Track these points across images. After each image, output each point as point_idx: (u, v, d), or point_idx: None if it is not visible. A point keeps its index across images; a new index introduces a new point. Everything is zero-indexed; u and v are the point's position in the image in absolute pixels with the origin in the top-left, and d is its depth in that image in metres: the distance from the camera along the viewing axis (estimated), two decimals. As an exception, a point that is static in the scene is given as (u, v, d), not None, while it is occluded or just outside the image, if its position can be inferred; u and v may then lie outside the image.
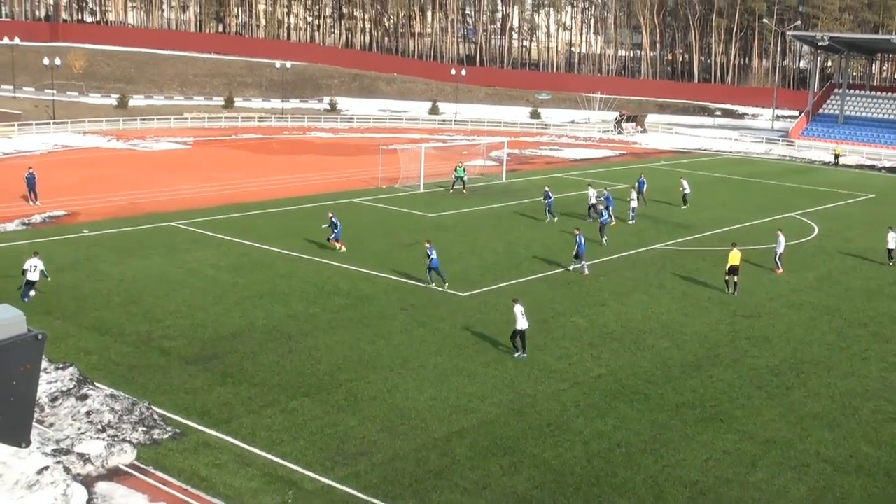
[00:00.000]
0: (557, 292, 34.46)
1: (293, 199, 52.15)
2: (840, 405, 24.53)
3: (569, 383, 25.11)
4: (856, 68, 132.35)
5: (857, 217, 51.05)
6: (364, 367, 25.61)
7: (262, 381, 24.16)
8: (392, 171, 60.62)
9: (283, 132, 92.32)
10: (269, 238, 41.44)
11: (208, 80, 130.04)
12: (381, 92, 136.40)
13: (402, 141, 79.06)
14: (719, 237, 45.94)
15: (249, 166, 65.95)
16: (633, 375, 25.96)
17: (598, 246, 42.55)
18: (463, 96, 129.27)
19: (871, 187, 68.89)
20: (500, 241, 43.05)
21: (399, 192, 56.14)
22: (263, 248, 39.65)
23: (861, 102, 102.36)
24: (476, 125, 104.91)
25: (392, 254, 39.64)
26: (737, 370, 26.79)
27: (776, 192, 64.21)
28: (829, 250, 44.62)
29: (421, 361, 26.21)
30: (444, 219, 48.39)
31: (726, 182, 68.83)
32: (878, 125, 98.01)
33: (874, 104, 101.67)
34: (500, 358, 26.82)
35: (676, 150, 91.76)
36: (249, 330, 28.44)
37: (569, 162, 78.08)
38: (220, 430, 21.16)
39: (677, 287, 36.00)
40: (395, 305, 31.58)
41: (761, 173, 74.60)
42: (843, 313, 33.61)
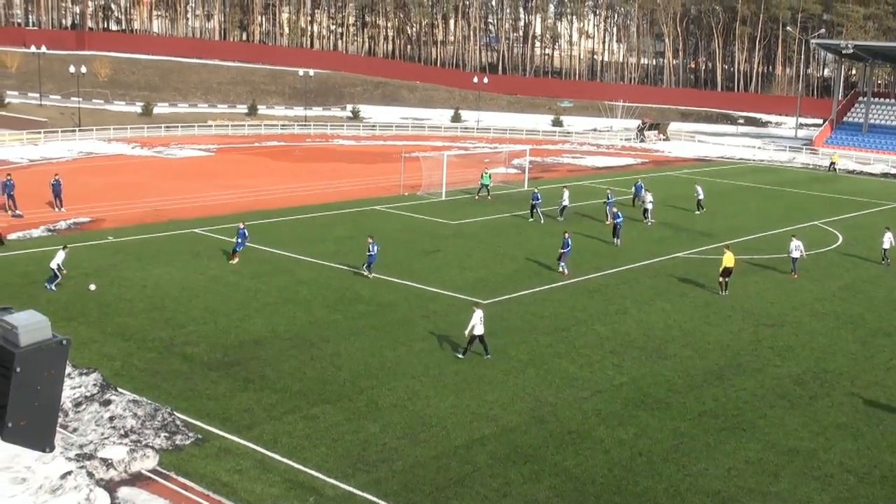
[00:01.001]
0: (579, 300, 34.37)
1: (315, 207, 52.31)
2: (864, 415, 24.32)
3: (590, 391, 25.02)
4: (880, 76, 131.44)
5: (881, 226, 50.51)
6: (385, 373, 25.62)
7: (284, 388, 24.22)
8: (414, 179, 60.70)
9: (306, 140, 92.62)
10: (291, 245, 41.58)
11: (232, 88, 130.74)
12: (404, 100, 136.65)
13: (425, 149, 79.15)
14: (742, 246, 45.67)
15: (272, 174, 66.22)
16: (654, 384, 25.84)
17: (613, 247, 43.51)
18: (485, 104, 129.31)
19: (895, 196, 68.34)
20: (522, 250, 43.00)
21: (421, 200, 56.20)
22: (286, 254, 39.78)
23: (886, 111, 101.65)
24: (498, 133, 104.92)
25: (414, 261, 39.68)
26: (759, 379, 26.62)
27: (799, 201, 63.83)
28: (853, 259, 44.29)
29: (442, 369, 26.19)
30: (466, 226, 48.40)
31: (749, 190, 68.49)
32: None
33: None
34: (521, 366, 26.77)
35: (699, 158, 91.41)
36: (271, 336, 28.52)
37: (591, 170, 77.92)
38: (241, 436, 21.22)
39: (699, 296, 35.83)
40: (416, 313, 31.60)
41: (784, 182, 74.21)
42: (867, 322, 33.35)
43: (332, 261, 38.51)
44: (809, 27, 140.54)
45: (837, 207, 61.07)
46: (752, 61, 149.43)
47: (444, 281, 36.23)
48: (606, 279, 38.02)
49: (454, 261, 40.10)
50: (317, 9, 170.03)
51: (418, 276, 36.76)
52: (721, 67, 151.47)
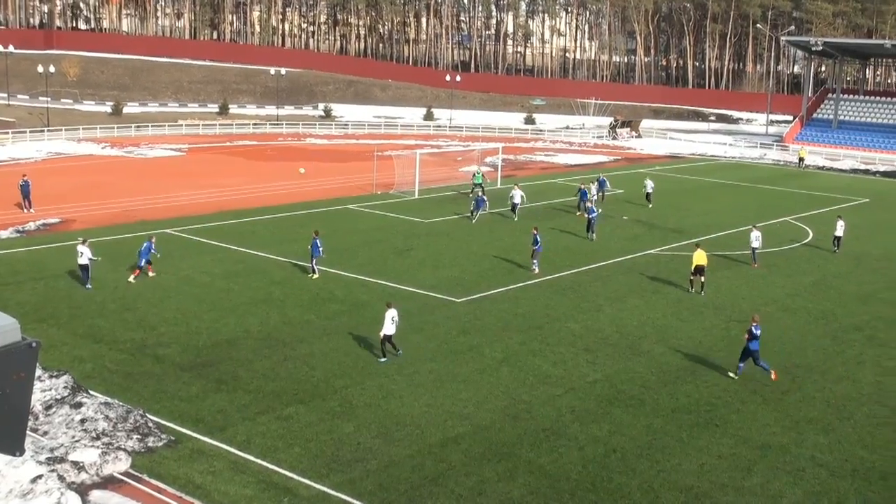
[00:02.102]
0: (552, 298, 34.48)
1: (288, 206, 52.14)
2: (835, 409, 24.57)
3: (564, 389, 25.12)
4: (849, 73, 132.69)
5: (851, 221, 51.06)
6: (359, 373, 25.60)
7: (257, 388, 24.13)
8: (387, 178, 60.65)
9: (278, 139, 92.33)
10: (263, 245, 41.43)
11: (203, 88, 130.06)
12: (376, 98, 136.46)
13: (397, 147, 79.14)
14: (713, 242, 45.98)
15: (244, 173, 65.93)
16: (628, 380, 25.98)
17: (586, 243, 43.94)
18: (457, 102, 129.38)
19: (865, 191, 69.08)
20: (495, 248, 43.07)
21: (394, 199, 56.16)
22: (258, 254, 39.64)
23: (855, 107, 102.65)
24: (471, 131, 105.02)
25: (387, 260, 39.65)
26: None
27: (770, 197, 64.33)
28: (824, 255, 44.71)
29: (416, 367, 26.21)
30: (439, 225, 48.41)
31: (720, 187, 68.95)
32: (872, 130, 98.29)
33: (868, 109, 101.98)
34: (495, 364, 26.83)
35: (671, 155, 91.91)
36: (244, 337, 28.42)
37: (563, 167, 78.17)
38: (214, 437, 21.13)
39: (672, 292, 36.04)
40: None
41: (756, 178, 74.77)
42: (838, 318, 33.69)
43: (305, 260, 38.39)
44: (779, 24, 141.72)
45: (808, 203, 61.61)
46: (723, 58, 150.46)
47: (417, 280, 36.23)
48: (579, 276, 38.16)
49: (427, 259, 40.11)
50: (288, 7, 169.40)
51: (392, 275, 36.74)
52: (692, 65, 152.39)
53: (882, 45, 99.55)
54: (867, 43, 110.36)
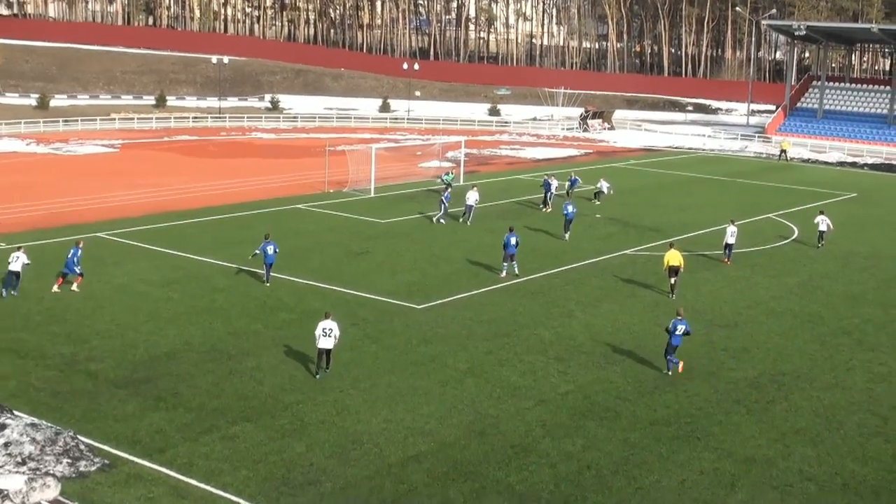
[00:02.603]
0: (520, 303, 34.53)
1: (232, 206, 51.82)
2: (824, 419, 24.80)
3: (534, 401, 25.15)
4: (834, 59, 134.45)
5: (839, 218, 51.70)
6: (311, 387, 25.46)
7: (200, 406, 23.92)
8: (340, 175, 60.50)
9: (221, 133, 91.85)
10: (206, 249, 41.13)
11: (137, 78, 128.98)
12: (327, 89, 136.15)
13: (351, 141, 78.97)
14: (692, 241, 46.33)
15: (184, 171, 65.48)
16: (603, 391, 26.06)
17: (554, 244, 44.27)
18: (416, 92, 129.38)
19: (852, 186, 69.98)
20: (459, 249, 43.09)
21: (348, 197, 56.02)
22: (200, 259, 39.34)
23: (841, 96, 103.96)
24: (430, 123, 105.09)
25: (341, 264, 39.51)
26: (713, 384, 27.00)
27: (752, 193, 64.96)
28: (810, 254, 45.21)
29: (373, 381, 26.12)
30: (398, 225, 48.35)
31: (699, 182, 69.54)
32: (860, 119, 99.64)
33: (855, 97, 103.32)
34: (459, 375, 26.80)
35: (646, 148, 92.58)
36: (185, 350, 28.17)
37: (531, 162, 78.44)
38: (153, 460, 20.90)
39: (648, 296, 36.24)
40: (344, 320, 31.34)
41: (736, 172, 75.49)
42: (826, 321, 34.06)
43: (251, 265, 38.14)
44: (760, 7, 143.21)
45: (792, 199, 62.28)
46: (700, 44, 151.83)
47: (374, 285, 36.14)
48: (550, 280, 38.27)
49: (385, 263, 40.03)
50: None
51: (346, 281, 36.61)
52: (668, 51, 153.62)
53: (869, 29, 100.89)
54: (853, 27, 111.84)
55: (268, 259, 35.62)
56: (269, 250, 35.56)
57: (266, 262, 35.70)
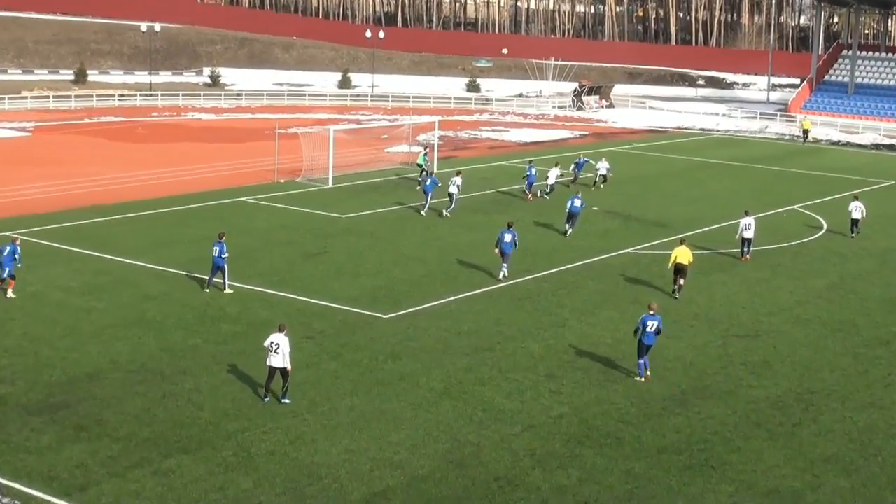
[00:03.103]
0: (505, 311, 34.53)
1: (166, 200, 51.59)
2: (858, 445, 24.90)
3: (521, 426, 25.13)
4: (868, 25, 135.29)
5: (874, 210, 51.98)
6: (260, 412, 25.35)
7: (128, 435, 23.77)
8: (292, 162, 60.33)
9: (152, 114, 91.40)
10: (135, 250, 40.93)
11: (53, 49, 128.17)
12: (277, 61, 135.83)
13: (305, 123, 78.68)
14: (704, 237, 46.48)
15: (109, 159, 65.13)
16: (602, 414, 26.08)
17: (546, 242, 44.33)
18: (381, 65, 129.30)
19: (890, 172, 70.40)
20: (432, 248, 43.06)
21: (302, 188, 55.88)
22: (128, 262, 39.13)
23: (875, 67, 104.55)
24: (399, 101, 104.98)
25: (294, 266, 39.40)
26: (731, 404, 27.08)
27: (774, 180, 65.25)
28: (841, 251, 45.46)
29: (332, 404, 26.04)
30: (361, 221, 48.27)
31: (712, 168, 69.78)
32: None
33: (892, 69, 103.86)
34: (434, 397, 26.77)
35: (650, 128, 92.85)
36: (111, 369, 28.00)
37: (516, 146, 78.51)
38: (73, 499, 20.75)
39: (655, 302, 36.21)
40: (298, 332, 31.30)
41: (755, 157, 75.81)
42: (860, 330, 34.24)
43: (188, 269, 37.96)
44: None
45: (820, 187, 62.59)
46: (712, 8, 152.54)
47: (333, 291, 36.05)
48: (539, 283, 38.29)
49: (346, 265, 39.95)
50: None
51: (300, 286, 36.50)
52: (675, 16, 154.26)
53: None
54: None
55: (215, 261, 35.57)
56: (214, 252, 35.47)
57: (214, 265, 35.62)
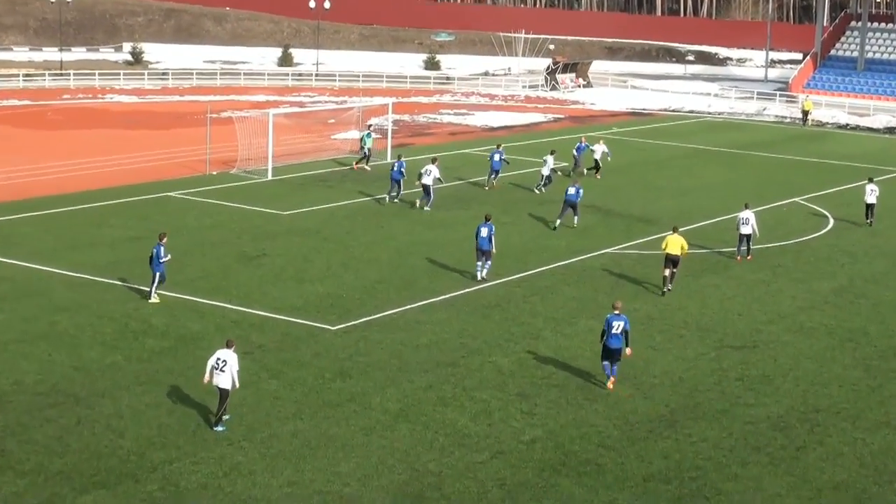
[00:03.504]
0: (470, 321, 34.50)
1: (81, 196, 51.26)
2: (872, 470, 24.99)
3: (489, 453, 25.08)
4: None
5: (888, 202, 52.37)
6: (189, 440, 25.18)
7: (37, 468, 23.55)
8: (226, 151, 60.08)
9: (64, 96, 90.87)
10: (43, 253, 40.65)
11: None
12: (208, 35, 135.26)
13: (241, 106, 78.50)
14: (695, 234, 46.61)
15: (13, 148, 64.74)
16: (581, 438, 26.08)
17: (530, 241, 44.19)
18: (327, 40, 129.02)
19: (904, 159, 70.90)
20: (386, 249, 42.98)
21: (238, 181, 55.68)
22: (35, 268, 38.87)
23: (888, 40, 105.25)
24: (347, 80, 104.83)
25: (229, 271, 39.26)
26: (726, 425, 27.14)
27: (773, 170, 65.56)
28: (851, 250, 45.73)
29: (273, 429, 25.91)
30: (305, 218, 48.12)
31: (704, 156, 70.03)
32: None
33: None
34: (389, 420, 26.69)
35: (633, 111, 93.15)
36: (14, 391, 27.75)
37: (481, 131, 78.56)
38: (-27, 543, 20.56)
39: (639, 309, 36.35)
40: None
41: (752, 143, 76.17)
42: (872, 339, 34.43)
43: (106, 275, 37.71)
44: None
45: (826, 177, 62.98)
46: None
47: (273, 299, 35.92)
48: (509, 289, 38.30)
49: (288, 269, 39.83)
50: None
51: (236, 294, 36.35)
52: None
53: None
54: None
55: (154, 266, 35.33)
56: (152, 255, 35.33)
57: (153, 271, 35.36)
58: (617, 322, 28.60)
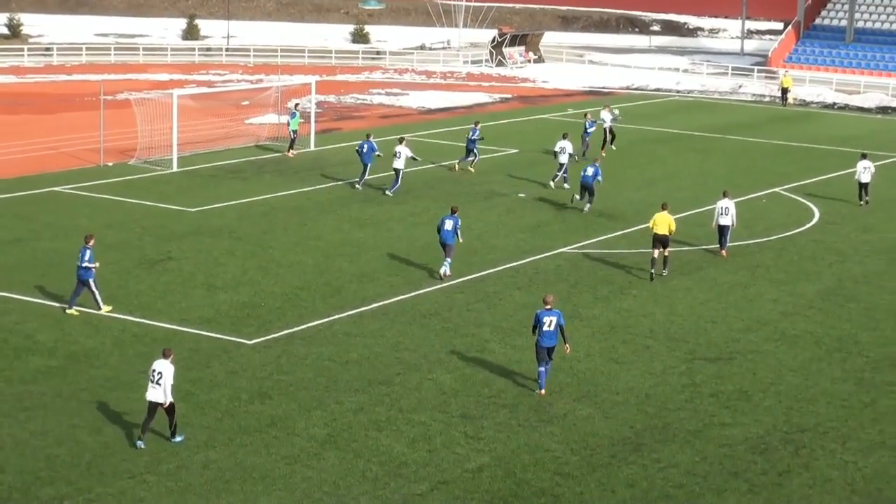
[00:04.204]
0: (407, 332, 34.55)
1: (-48, 191, 50.89)
2: (865, 497, 25.23)
3: (429, 483, 25.16)
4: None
5: (881, 191, 52.79)
6: (83, 473, 25.06)
7: None
8: (124, 139, 59.75)
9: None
10: (-89, 259, 40.34)
11: None
12: (100, 4, 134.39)
13: (140, 86, 78.05)
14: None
15: None
16: (534, 465, 26.18)
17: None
18: (239, 9, 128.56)
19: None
20: (311, 251, 42.93)
21: (137, 174, 55.41)
22: None
23: (880, 8, 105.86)
24: (263, 56, 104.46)
25: (129, 278, 39.08)
26: (699, 448, 27.33)
27: (751, 155, 65.91)
28: (839, 247, 46.09)
29: (182, 459, 25.85)
30: (216, 215, 47.94)
31: (672, 140, 70.33)
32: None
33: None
34: (316, 447, 26.69)
35: (591, 89, 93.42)
36: None
37: (417, 114, 78.48)
38: None
39: (600, 316, 36.54)
40: (136, 366, 31.08)
41: (727, 125, 76.54)
42: (864, 348, 34.72)
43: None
44: None
45: (811, 164, 63.38)
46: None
47: (180, 310, 35.82)
48: (450, 295, 38.37)
49: (197, 275, 39.72)
50: None
51: (136, 304, 36.20)
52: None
53: None
54: None
55: (78, 274, 35.10)
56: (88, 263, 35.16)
57: (78, 279, 35.12)
58: (548, 318, 29.24)
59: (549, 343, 29.22)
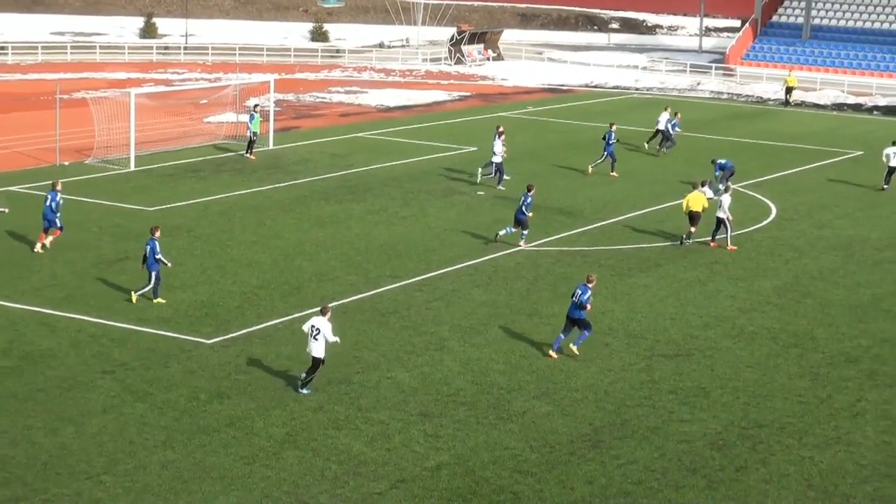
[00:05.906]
0: (365, 331, 34.53)
1: None
2: (821, 492, 25.35)
3: (388, 482, 25.15)
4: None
5: (837, 188, 53.04)
6: (39, 474, 24.94)
7: None
8: (80, 138, 59.48)
9: None
10: None
11: None
12: (56, 3, 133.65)
13: (97, 85, 77.71)
14: (624, 227, 46.99)
15: None
16: (493, 463, 26.20)
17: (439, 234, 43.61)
18: (197, 7, 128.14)
19: (856, 140, 71.76)
20: (269, 250, 42.84)
21: (94, 173, 55.20)
22: None
23: (837, 5, 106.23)
24: (222, 54, 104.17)
25: (86, 277, 38.93)
26: (657, 444, 27.40)
27: (709, 152, 66.09)
28: (795, 243, 46.32)
29: (139, 460, 25.75)
30: (174, 214, 47.76)
31: (630, 138, 70.46)
32: (865, 41, 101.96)
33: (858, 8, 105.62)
34: (274, 447, 26.64)
35: (550, 87, 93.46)
36: None
37: (376, 113, 78.35)
38: None
39: (559, 314, 36.52)
40: (93, 366, 30.98)
41: (684, 122, 76.48)
42: (820, 344, 34.92)
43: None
44: None
45: (767, 161, 63.67)
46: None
47: (138, 310, 35.68)
48: (409, 293, 38.38)
49: (154, 274, 39.58)
50: None
51: (94, 305, 36.04)
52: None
53: None
54: None
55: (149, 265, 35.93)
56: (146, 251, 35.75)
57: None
58: (578, 291, 32.04)
59: (573, 315, 31.53)
